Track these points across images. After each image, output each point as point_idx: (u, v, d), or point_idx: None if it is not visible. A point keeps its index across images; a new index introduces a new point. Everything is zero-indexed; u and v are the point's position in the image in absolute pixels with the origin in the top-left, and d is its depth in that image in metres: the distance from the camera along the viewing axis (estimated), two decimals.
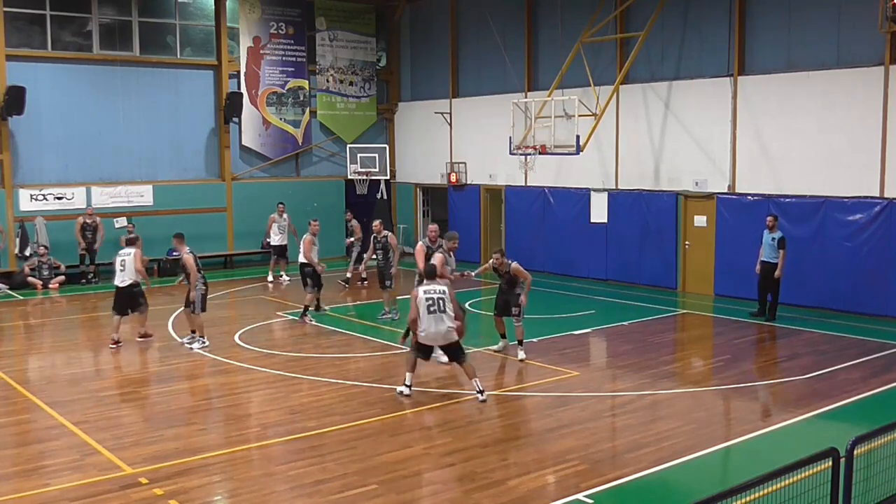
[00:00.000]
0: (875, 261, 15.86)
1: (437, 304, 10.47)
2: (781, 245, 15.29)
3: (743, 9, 17.70)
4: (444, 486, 7.95)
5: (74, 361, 13.29)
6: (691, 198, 18.81)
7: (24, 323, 16.54)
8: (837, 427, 9.90)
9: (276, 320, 16.07)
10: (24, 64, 20.24)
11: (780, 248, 15.28)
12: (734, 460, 8.98)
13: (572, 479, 8.12)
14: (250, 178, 23.92)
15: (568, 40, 20.08)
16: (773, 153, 17.34)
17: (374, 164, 24.34)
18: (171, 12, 22.46)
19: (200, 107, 23.02)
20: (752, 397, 11.16)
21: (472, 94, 23.82)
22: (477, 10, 23.42)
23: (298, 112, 24.42)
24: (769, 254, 15.45)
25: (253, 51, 23.49)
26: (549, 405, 10.65)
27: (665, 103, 19.10)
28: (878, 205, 15.78)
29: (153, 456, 8.76)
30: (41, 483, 8.09)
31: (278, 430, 9.69)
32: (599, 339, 14.69)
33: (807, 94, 16.73)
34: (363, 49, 25.48)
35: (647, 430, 9.63)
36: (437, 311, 10.44)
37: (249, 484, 8.08)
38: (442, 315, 10.45)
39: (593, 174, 20.55)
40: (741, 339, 14.42)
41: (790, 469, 5.71)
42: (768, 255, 15.46)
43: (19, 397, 11.06)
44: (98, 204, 21.32)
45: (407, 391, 10.75)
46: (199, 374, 12.27)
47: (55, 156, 20.94)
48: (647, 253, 19.63)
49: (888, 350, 13.32)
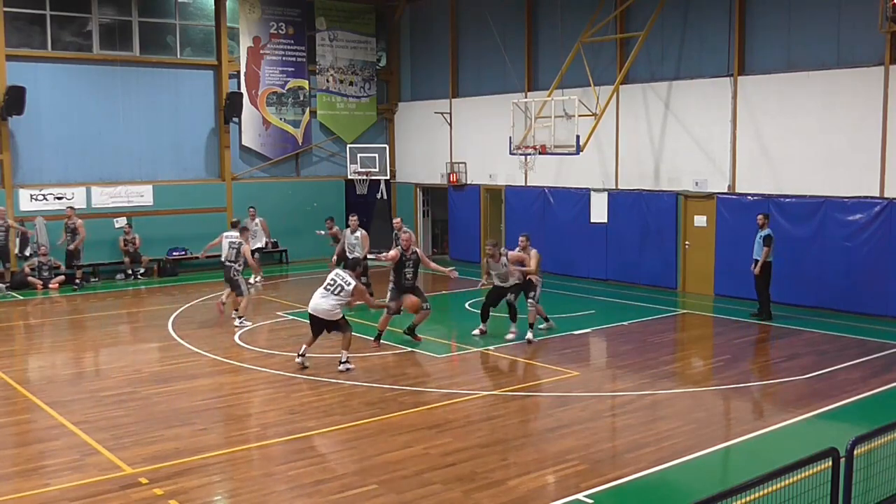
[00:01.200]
0: (875, 261, 15.86)
1: (335, 287, 12.22)
2: (766, 242, 15.36)
3: (743, 9, 17.70)
4: (444, 486, 7.94)
5: (74, 361, 13.30)
6: (691, 198, 18.81)
7: (24, 323, 16.54)
8: (837, 427, 9.89)
9: (276, 320, 16.06)
10: (24, 64, 20.25)
11: (764, 246, 15.36)
12: (734, 460, 8.97)
13: (572, 479, 8.12)
14: (250, 178, 23.92)
15: (568, 40, 20.08)
16: (773, 153, 17.34)
17: (374, 164, 24.35)
18: (171, 12, 22.46)
19: (200, 107, 23.02)
20: (752, 397, 11.16)
21: (472, 94, 23.82)
22: (477, 9, 23.42)
23: (298, 112, 24.43)
24: (758, 251, 15.55)
25: (253, 51, 23.50)
26: (549, 405, 10.65)
27: (665, 103, 19.10)
28: (878, 205, 15.78)
29: (153, 456, 8.76)
30: (41, 483, 8.09)
31: (278, 430, 9.69)
32: (599, 339, 14.69)
33: (807, 94, 16.73)
34: (363, 49, 25.49)
35: (647, 430, 9.63)
36: (330, 293, 12.22)
37: (249, 484, 8.08)
38: (330, 296, 12.19)
39: (593, 174, 20.55)
40: (741, 339, 14.43)
41: (790, 469, 5.71)
42: (757, 254, 15.57)
43: (19, 397, 11.06)
44: (98, 204, 21.34)
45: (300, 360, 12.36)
46: (199, 374, 12.26)
47: (55, 156, 20.94)
48: (647, 253, 19.63)
49: (888, 350, 13.32)
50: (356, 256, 16.70)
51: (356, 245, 17.10)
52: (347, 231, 17.35)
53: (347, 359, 12.23)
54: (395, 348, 13.76)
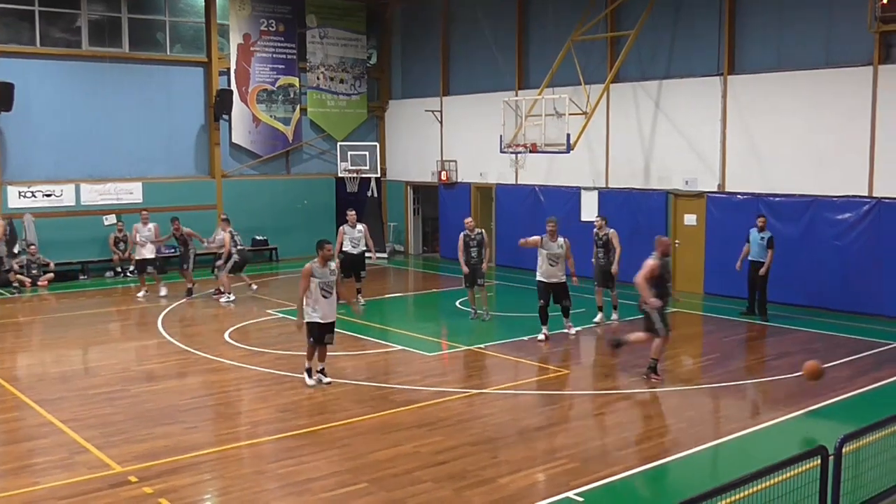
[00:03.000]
0: (864, 260, 15.93)
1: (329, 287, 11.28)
2: (770, 244, 15.38)
3: (733, 8, 17.75)
4: (435, 484, 7.95)
5: (63, 359, 13.24)
6: (681, 196, 18.86)
7: (12, 320, 16.45)
8: (826, 425, 9.95)
9: (265, 318, 16.03)
10: (12, 60, 20.12)
11: (768, 248, 15.37)
12: (723, 458, 9.00)
13: (562, 477, 8.13)
14: (240, 175, 23.85)
15: (559, 39, 20.11)
16: (762, 152, 17.40)
17: (364, 161, 24.34)
18: (161, 9, 22.37)
19: (190, 104, 22.93)
20: (742, 395, 11.20)
21: (463, 92, 23.81)
22: (468, 8, 23.41)
23: (289, 109, 24.37)
24: (758, 252, 15.53)
25: (243, 48, 23.43)
26: (540, 403, 10.67)
27: (655, 102, 19.14)
28: (867, 204, 15.86)
29: (142, 454, 8.73)
30: (30, 481, 8.06)
31: (268, 428, 9.67)
32: (590, 338, 14.71)
33: (796, 93, 16.79)
34: (354, 47, 25.44)
35: (636, 428, 9.66)
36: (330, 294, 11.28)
37: (239, 482, 8.06)
38: (331, 297, 11.28)
39: (584, 173, 20.57)
40: (731, 338, 14.47)
41: (779, 467, 5.74)
42: (757, 254, 15.55)
43: (8, 395, 11.01)
44: (87, 201, 21.23)
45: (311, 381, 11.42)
46: (189, 372, 12.23)
47: (44, 153, 20.82)
48: (636, 251, 19.57)
49: (877, 348, 13.39)
50: (362, 250, 17.10)
51: (360, 239, 17.15)
52: (347, 227, 17.22)
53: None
54: (385, 346, 13.75)
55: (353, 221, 17.28)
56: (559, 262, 14.11)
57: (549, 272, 14.11)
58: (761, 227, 15.59)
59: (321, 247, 11.11)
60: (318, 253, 11.12)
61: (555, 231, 14.19)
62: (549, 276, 14.13)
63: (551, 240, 14.15)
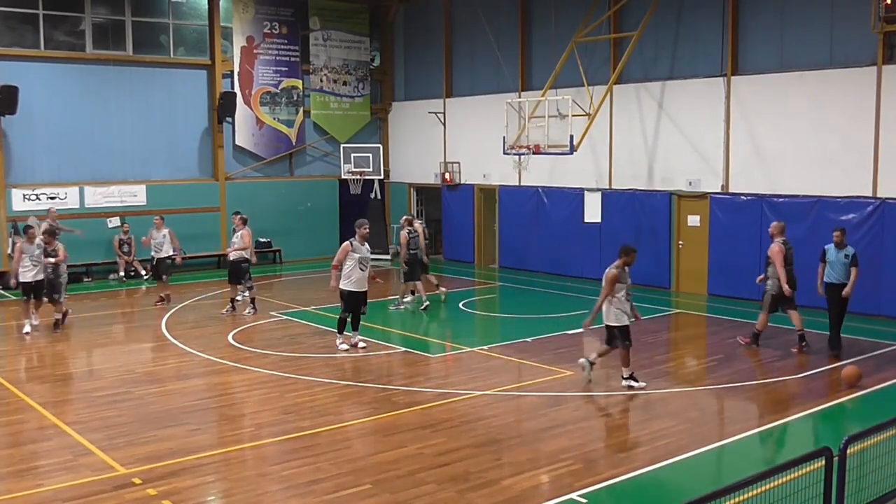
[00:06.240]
0: (868, 261, 15.83)
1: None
2: (854, 262, 12.90)
3: (736, 9, 17.73)
4: (438, 486, 7.94)
5: (67, 362, 13.25)
6: (685, 197, 18.84)
7: (16, 323, 16.47)
8: (830, 426, 9.93)
9: (269, 320, 16.04)
10: (16, 63, 20.17)
11: (852, 266, 12.88)
12: (728, 459, 8.98)
13: (566, 479, 8.12)
14: (244, 177, 23.88)
15: (562, 40, 20.10)
16: (766, 153, 17.38)
17: (367, 163, 24.36)
18: (165, 12, 22.41)
19: (194, 106, 22.97)
20: (746, 396, 11.18)
21: (466, 93, 23.82)
22: (471, 9, 23.41)
23: (292, 112, 24.40)
24: (841, 273, 12.92)
25: (246, 50, 23.46)
26: (543, 405, 10.66)
27: (658, 103, 19.12)
28: (871, 204, 15.83)
29: (146, 456, 8.74)
30: (34, 484, 8.07)
31: (272, 430, 9.68)
32: (593, 339, 14.68)
33: (800, 94, 16.77)
34: (357, 49, 25.46)
35: (640, 430, 9.65)
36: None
37: (243, 484, 8.06)
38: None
39: (587, 174, 20.57)
40: (734, 339, 14.44)
41: (783, 468, 5.73)
42: (838, 275, 12.93)
43: (12, 397, 11.02)
44: (91, 204, 21.28)
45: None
46: (193, 374, 12.24)
47: (48, 155, 20.87)
48: (640, 252, 19.53)
49: (881, 349, 13.37)
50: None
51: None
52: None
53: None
54: (387, 348, 13.75)
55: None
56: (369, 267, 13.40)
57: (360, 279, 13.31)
58: (839, 243, 13.00)
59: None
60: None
61: (366, 235, 13.38)
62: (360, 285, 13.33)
63: (361, 244, 13.35)
